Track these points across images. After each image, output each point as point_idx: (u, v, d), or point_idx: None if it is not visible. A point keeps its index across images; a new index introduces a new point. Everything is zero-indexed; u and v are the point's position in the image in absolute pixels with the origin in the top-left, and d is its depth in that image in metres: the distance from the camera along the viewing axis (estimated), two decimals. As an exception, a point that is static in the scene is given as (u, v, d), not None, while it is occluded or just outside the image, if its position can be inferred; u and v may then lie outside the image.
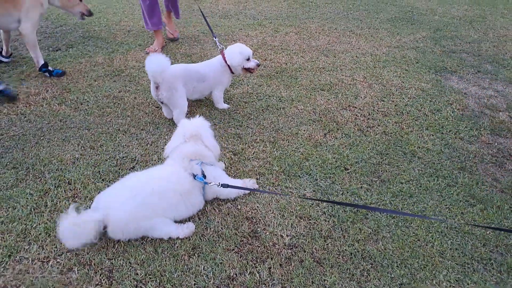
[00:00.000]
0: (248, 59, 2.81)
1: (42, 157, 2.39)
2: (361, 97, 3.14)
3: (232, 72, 2.88)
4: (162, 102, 2.73)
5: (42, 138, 2.58)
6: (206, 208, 2.02)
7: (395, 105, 3.04)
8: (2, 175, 2.23)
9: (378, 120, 2.84)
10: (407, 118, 2.87)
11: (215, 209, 2.03)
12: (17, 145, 2.50)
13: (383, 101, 3.10)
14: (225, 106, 2.98)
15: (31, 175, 2.24)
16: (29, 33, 3.19)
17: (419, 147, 2.55)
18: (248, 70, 2.86)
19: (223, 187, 1.92)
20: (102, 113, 2.89)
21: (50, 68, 3.39)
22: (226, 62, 2.83)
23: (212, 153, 2.05)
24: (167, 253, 1.77)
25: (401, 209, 2.05)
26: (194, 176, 1.91)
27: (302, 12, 5.46)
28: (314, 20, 5.09)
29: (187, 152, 1.98)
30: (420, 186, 2.21)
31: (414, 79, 3.46)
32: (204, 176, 1.94)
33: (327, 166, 2.35)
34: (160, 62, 2.51)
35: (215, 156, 2.08)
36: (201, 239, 1.85)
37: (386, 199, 2.11)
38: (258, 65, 2.85)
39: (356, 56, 3.92)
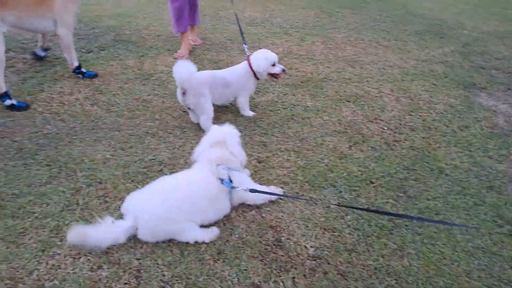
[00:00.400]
0: (273, 65, 2.83)
1: (74, 156, 2.46)
2: (387, 110, 3.13)
3: (257, 78, 2.90)
4: (189, 108, 2.79)
5: (74, 137, 2.66)
6: (231, 214, 2.05)
7: (423, 120, 3.02)
8: (37, 172, 2.31)
9: (405, 135, 2.82)
10: (434, 134, 2.85)
11: (239, 216, 2.05)
12: (50, 143, 2.58)
13: (411, 115, 3.08)
14: (251, 113, 3.00)
15: (63, 173, 2.30)
16: (65, 35, 3.28)
17: (447, 164, 2.53)
18: (273, 75, 2.88)
19: (251, 192, 1.94)
20: (131, 115, 2.96)
21: (83, 69, 3.48)
22: (251, 68, 2.86)
23: (237, 160, 2.08)
24: (193, 256, 1.80)
25: (427, 226, 2.03)
26: (222, 180, 1.94)
27: (328, 22, 5.47)
28: (341, 30, 5.09)
29: (213, 157, 2.02)
30: (447, 204, 2.19)
31: (443, 94, 3.43)
32: (231, 181, 1.96)
33: (352, 179, 2.35)
34: (187, 69, 2.59)
35: (241, 163, 2.11)
36: (226, 245, 1.88)
37: (412, 215, 2.10)
38: (284, 71, 2.87)
39: (383, 68, 3.91)
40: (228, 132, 2.12)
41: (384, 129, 2.88)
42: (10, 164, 2.37)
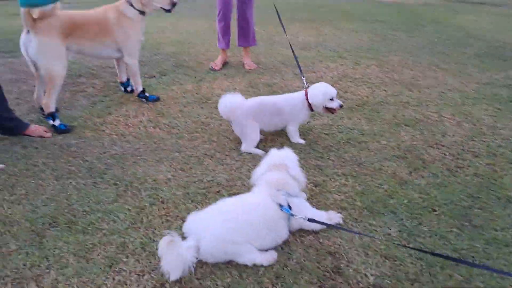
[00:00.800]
0: (331, 99, 2.82)
1: (138, 175, 2.58)
2: (449, 135, 3.03)
3: (312, 110, 2.91)
4: None
5: (139, 158, 2.79)
6: (289, 238, 2.05)
7: (487, 146, 2.89)
8: (105, 190, 2.44)
9: (468, 161, 2.72)
10: (500, 160, 2.72)
11: (297, 240, 2.04)
12: (117, 163, 2.73)
13: (474, 140, 2.97)
14: (301, 141, 2.99)
15: (129, 192, 2.42)
16: (132, 63, 3.49)
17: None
18: (329, 110, 2.87)
19: (309, 222, 1.95)
20: (191, 137, 3.07)
21: (146, 94, 3.67)
22: (307, 99, 2.87)
23: (296, 183, 2.09)
24: (252, 279, 1.81)
25: (496, 258, 1.93)
26: (281, 206, 1.96)
27: (383, 45, 5.43)
28: (397, 53, 5.03)
29: (273, 181, 2.04)
30: (517, 235, 2.07)
31: (508, 119, 3.28)
32: (290, 207, 1.97)
33: (413, 206, 2.28)
34: (230, 102, 2.83)
35: (300, 186, 2.12)
36: (284, 269, 1.87)
37: (478, 246, 2.00)
38: (341, 106, 2.86)
39: (442, 92, 3.81)
40: (288, 156, 2.14)
41: (445, 155, 2.79)
42: (81, 182, 2.53)
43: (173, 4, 3.46)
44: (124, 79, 3.88)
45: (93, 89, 4.00)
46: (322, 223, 2.01)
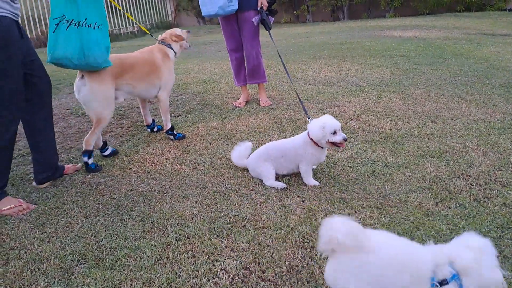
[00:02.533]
0: (334, 133, 2.73)
1: (165, 211, 2.65)
2: (475, 166, 2.99)
3: (320, 146, 2.84)
4: None
5: (165, 194, 2.87)
6: (315, 271, 2.04)
7: (515, 175, 2.84)
8: (132, 227, 2.51)
9: (496, 191, 2.67)
10: (530, 190, 2.66)
11: (323, 273, 2.03)
12: (144, 200, 2.81)
13: (501, 170, 2.92)
14: (314, 182, 2.91)
15: (155, 228, 2.48)
16: (165, 99, 3.69)
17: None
18: (334, 144, 2.78)
19: None
20: (216, 173, 3.13)
21: (174, 131, 3.80)
22: (310, 137, 2.84)
23: None
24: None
25: (530, 289, 1.86)
26: None
27: (405, 78, 5.47)
28: (419, 86, 5.05)
29: None
30: (551, 266, 2.00)
31: (536, 148, 3.22)
32: None
33: (441, 237, 2.24)
34: (239, 153, 3.13)
35: None
36: (310, 302, 1.86)
37: (510, 277, 1.94)
38: (345, 140, 2.76)
39: (467, 123, 3.78)
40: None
41: (472, 185, 2.75)
42: (109, 219, 2.61)
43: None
44: (150, 121, 4.04)
45: (121, 129, 4.17)
46: None
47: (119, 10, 14.11)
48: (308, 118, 3.13)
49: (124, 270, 2.14)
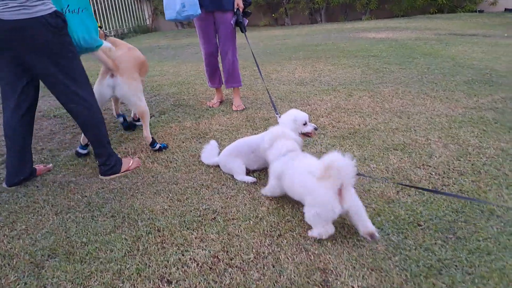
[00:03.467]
0: (304, 124, 2.87)
1: (136, 207, 2.71)
2: (435, 156, 3.14)
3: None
4: None
5: (136, 191, 2.94)
6: (280, 256, 2.15)
7: (472, 164, 3.00)
8: (103, 222, 2.57)
9: (453, 179, 2.82)
10: (484, 177, 2.82)
11: (288, 258, 2.14)
12: (115, 197, 2.87)
13: (459, 160, 3.08)
14: None
15: (126, 223, 2.55)
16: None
17: (498, 206, 2.48)
18: (306, 135, 2.91)
19: None
20: (188, 170, 3.21)
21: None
22: None
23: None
24: (243, 295, 1.90)
25: (478, 266, 2.00)
26: None
27: (375, 77, 5.64)
28: (388, 84, 5.23)
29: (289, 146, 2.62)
30: (499, 244, 2.14)
31: (493, 139, 3.39)
32: None
33: (399, 222, 2.38)
34: (209, 152, 3.28)
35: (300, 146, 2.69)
36: (275, 285, 1.96)
37: (462, 255, 2.08)
38: (316, 129, 2.92)
39: (430, 117, 3.95)
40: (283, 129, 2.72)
41: (432, 174, 2.89)
42: (80, 216, 2.66)
43: None
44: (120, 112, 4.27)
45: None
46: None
47: (103, 14, 14.06)
48: (277, 114, 3.25)
49: (94, 262, 2.20)
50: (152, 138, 3.60)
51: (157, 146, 3.60)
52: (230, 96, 5.08)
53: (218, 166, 3.22)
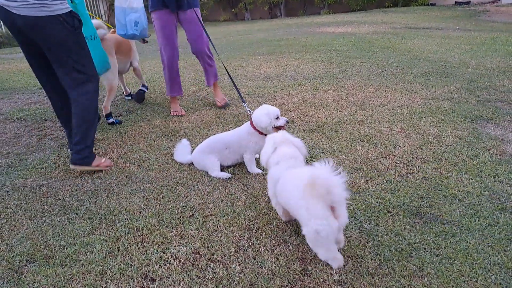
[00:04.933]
0: (277, 118, 2.95)
1: (112, 208, 2.71)
2: (399, 146, 3.32)
3: (264, 134, 2.99)
4: None
5: (111, 192, 2.92)
6: (260, 249, 2.22)
7: (433, 152, 3.19)
8: (80, 225, 2.55)
9: (417, 167, 2.99)
10: (445, 164, 3.01)
11: (268, 250, 2.22)
12: (90, 199, 2.85)
13: (421, 149, 3.26)
14: (258, 170, 3.10)
15: (104, 224, 2.54)
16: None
17: (459, 190, 2.67)
18: (278, 128, 2.96)
19: None
20: (162, 168, 3.23)
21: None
22: (253, 126, 3.02)
23: (301, 155, 2.40)
24: (227, 288, 1.96)
25: (444, 247, 2.16)
26: None
27: (339, 71, 5.81)
28: (351, 78, 5.41)
29: (288, 154, 2.34)
30: (462, 226, 2.32)
31: (451, 128, 3.61)
32: None
33: (370, 210, 2.51)
34: (181, 152, 3.30)
35: (304, 155, 2.42)
36: (257, 277, 2.04)
37: (429, 238, 2.23)
38: (288, 122, 2.99)
39: (392, 109, 4.14)
40: (286, 134, 2.48)
41: (397, 163, 3.06)
42: (56, 219, 2.63)
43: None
44: (128, 91, 5.17)
45: (61, 131, 4.12)
46: None
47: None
48: (244, 103, 3.33)
49: (75, 265, 2.20)
50: (110, 111, 4.23)
51: (111, 120, 4.22)
52: (198, 93, 5.09)
53: (191, 164, 3.25)
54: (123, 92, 5.16)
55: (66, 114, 3.29)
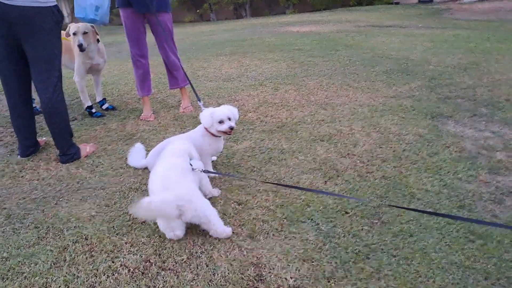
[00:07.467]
0: (221, 122, 2.74)
1: (61, 216, 2.55)
2: (359, 145, 3.28)
3: (218, 136, 2.85)
4: None
5: (61, 199, 2.76)
6: (213, 254, 2.12)
7: (393, 151, 3.17)
8: (25, 235, 2.38)
9: (377, 166, 2.96)
10: (405, 163, 2.99)
11: (221, 256, 2.12)
12: (38, 207, 2.67)
13: (382, 147, 3.24)
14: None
15: (51, 233, 2.38)
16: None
17: (418, 189, 2.65)
18: (224, 133, 2.80)
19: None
20: (115, 173, 3.07)
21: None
22: (206, 129, 2.84)
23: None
24: (177, 300, 1.85)
25: (402, 248, 2.12)
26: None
27: (300, 71, 5.78)
28: (312, 77, 5.37)
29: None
30: (420, 226, 2.28)
31: (411, 126, 3.61)
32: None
33: (328, 211, 2.45)
34: (135, 156, 3.18)
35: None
36: (209, 285, 1.93)
37: (387, 239, 2.19)
38: (232, 128, 2.78)
39: (353, 108, 4.12)
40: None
41: (356, 163, 3.02)
42: (0, 230, 2.45)
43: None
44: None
45: (11, 137, 3.89)
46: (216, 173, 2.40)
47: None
48: (199, 101, 3.19)
49: (18, 278, 2.04)
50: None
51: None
52: (156, 95, 4.94)
53: (146, 168, 3.11)
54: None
55: (23, 118, 3.35)
